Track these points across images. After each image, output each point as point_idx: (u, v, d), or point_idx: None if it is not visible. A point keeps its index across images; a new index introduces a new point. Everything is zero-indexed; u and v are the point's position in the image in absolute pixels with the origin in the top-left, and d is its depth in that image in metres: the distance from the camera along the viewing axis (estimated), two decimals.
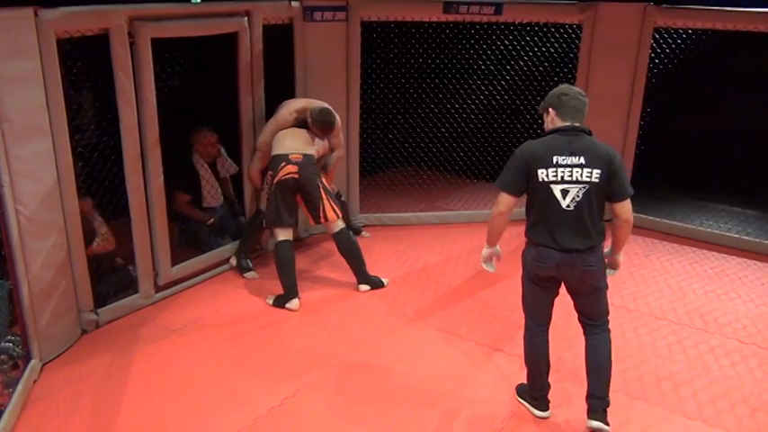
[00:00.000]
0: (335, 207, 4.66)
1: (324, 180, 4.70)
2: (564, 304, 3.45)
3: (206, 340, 4.14)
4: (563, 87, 3.22)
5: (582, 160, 3.06)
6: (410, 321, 4.43)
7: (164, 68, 4.43)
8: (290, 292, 4.53)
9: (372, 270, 4.91)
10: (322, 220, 4.65)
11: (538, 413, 3.48)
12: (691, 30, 5.58)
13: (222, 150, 5.33)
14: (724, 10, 5.35)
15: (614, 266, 3.39)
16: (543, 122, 3.29)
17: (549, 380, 3.46)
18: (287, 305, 4.50)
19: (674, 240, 5.88)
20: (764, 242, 5.70)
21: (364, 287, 4.81)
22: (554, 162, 3.07)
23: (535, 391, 3.48)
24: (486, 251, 3.47)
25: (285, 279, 4.55)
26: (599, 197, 3.11)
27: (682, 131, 6.63)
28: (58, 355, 3.91)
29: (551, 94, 3.22)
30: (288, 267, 4.55)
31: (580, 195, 3.08)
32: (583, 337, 3.37)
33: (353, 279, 4.84)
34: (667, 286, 5.01)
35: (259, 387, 3.66)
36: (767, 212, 6.28)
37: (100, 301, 4.25)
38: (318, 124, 4.72)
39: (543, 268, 3.22)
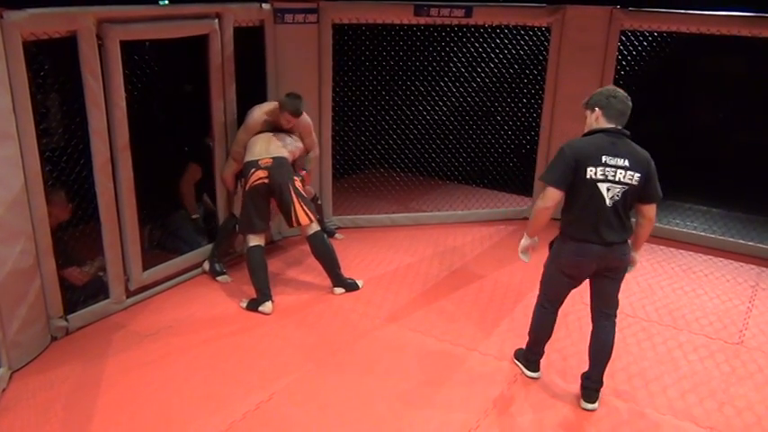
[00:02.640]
0: (308, 210, 4.64)
1: (297, 183, 4.69)
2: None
3: (179, 345, 4.10)
4: (611, 89, 3.37)
5: (626, 163, 3.23)
6: (385, 323, 4.44)
7: (133, 71, 4.38)
8: (262, 295, 4.51)
9: (347, 272, 4.91)
10: (294, 223, 4.65)
11: (529, 373, 3.84)
12: (656, 32, 5.69)
13: None
14: (687, 13, 5.47)
15: (633, 263, 3.55)
16: (586, 118, 3.41)
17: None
18: (260, 308, 4.48)
19: None
20: (729, 240, 5.84)
21: (339, 290, 4.81)
22: (603, 161, 3.23)
23: (530, 356, 3.84)
24: (526, 242, 3.59)
25: (257, 283, 4.54)
26: (633, 198, 3.30)
27: (648, 132, 6.74)
28: (28, 363, 3.84)
29: (600, 94, 3.35)
30: (259, 272, 4.54)
31: (619, 195, 3.25)
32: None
33: (328, 281, 4.84)
34: (636, 284, 5.09)
35: (234, 391, 3.64)
36: (732, 210, 6.42)
37: (70, 307, 4.18)
38: (289, 107, 4.67)
39: (583, 262, 3.37)
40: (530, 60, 6.07)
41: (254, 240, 4.60)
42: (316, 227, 4.72)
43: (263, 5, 5.09)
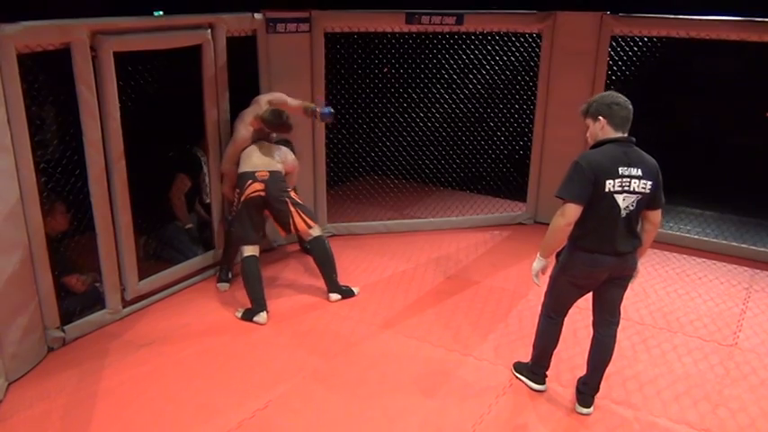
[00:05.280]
0: (306, 218, 4.68)
1: (293, 194, 4.71)
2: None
3: (175, 355, 4.11)
4: (612, 96, 3.29)
5: (639, 172, 3.19)
6: (380, 329, 4.45)
7: (128, 82, 4.41)
8: (257, 305, 4.52)
9: (342, 279, 4.93)
10: (292, 230, 4.69)
11: (535, 386, 3.79)
12: (646, 37, 5.73)
13: None
14: (677, 18, 5.51)
15: (635, 273, 3.50)
16: (588, 127, 3.35)
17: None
18: (254, 319, 4.49)
19: None
20: (723, 242, 5.87)
21: (335, 296, 4.82)
22: (619, 173, 3.17)
23: (537, 368, 3.78)
24: (540, 264, 3.43)
25: (252, 293, 4.55)
26: (644, 205, 3.27)
27: (640, 136, 6.79)
28: (25, 374, 3.84)
29: (601, 102, 3.28)
30: (254, 282, 4.55)
31: (634, 205, 3.22)
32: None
33: (323, 289, 4.86)
34: (630, 288, 4.98)
35: (230, 400, 3.65)
36: (725, 213, 6.46)
37: (66, 317, 4.19)
38: (273, 126, 4.68)
39: (595, 273, 3.33)
40: (521, 67, 6.11)
41: (249, 251, 4.60)
42: (317, 231, 4.75)
43: (256, 15, 5.12)
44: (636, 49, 5.78)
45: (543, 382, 3.78)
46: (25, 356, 3.87)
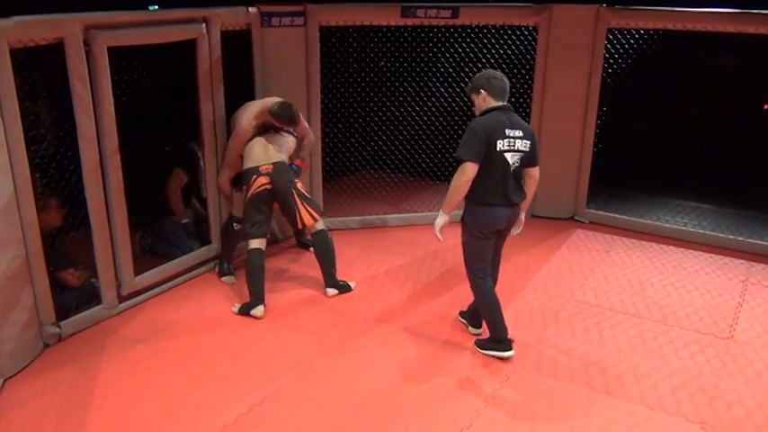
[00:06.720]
0: (312, 211, 4.69)
1: (299, 185, 4.71)
2: None
3: (172, 350, 4.11)
4: (489, 72, 3.87)
5: (520, 133, 3.73)
6: (377, 324, 4.45)
7: (122, 77, 4.39)
8: (255, 299, 4.52)
9: (339, 273, 4.92)
10: (300, 225, 4.70)
11: (505, 354, 3.98)
12: (643, 30, 5.72)
13: None
14: (674, 10, 5.50)
15: (520, 224, 4.05)
16: (473, 103, 3.87)
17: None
18: (252, 312, 4.49)
19: (633, 236, 6.01)
20: (719, 235, 5.87)
21: (332, 291, 4.82)
22: (506, 134, 3.69)
23: (498, 334, 3.99)
24: (443, 220, 3.90)
25: (252, 285, 4.55)
26: (525, 163, 3.80)
27: (637, 130, 6.79)
28: (20, 371, 3.83)
29: (480, 78, 3.82)
30: (256, 275, 4.55)
31: (518, 162, 3.76)
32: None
33: (321, 283, 4.85)
34: (627, 281, 5.12)
35: (226, 395, 3.64)
36: (721, 206, 6.45)
37: (62, 313, 4.18)
38: (282, 119, 4.68)
39: (497, 223, 3.84)
40: (518, 60, 6.09)
41: (255, 243, 4.60)
42: (321, 225, 4.77)
43: (250, 9, 5.10)
44: (632, 41, 5.77)
45: (510, 348, 3.97)
46: (21, 353, 3.86)
